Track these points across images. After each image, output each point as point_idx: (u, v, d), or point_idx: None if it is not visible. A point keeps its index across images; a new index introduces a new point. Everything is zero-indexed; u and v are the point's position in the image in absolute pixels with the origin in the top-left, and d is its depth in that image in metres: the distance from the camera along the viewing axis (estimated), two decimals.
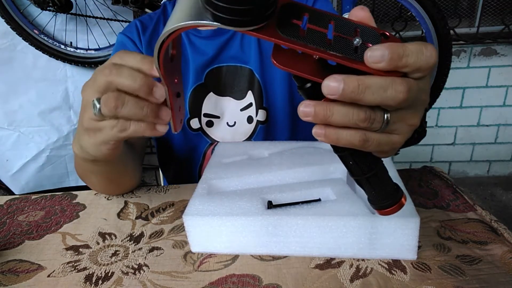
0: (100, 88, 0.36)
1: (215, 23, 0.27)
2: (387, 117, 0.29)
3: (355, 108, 0.29)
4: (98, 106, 0.36)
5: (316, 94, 0.30)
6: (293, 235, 0.43)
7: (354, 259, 0.43)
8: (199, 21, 0.27)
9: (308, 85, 0.31)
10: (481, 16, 1.93)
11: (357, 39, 0.27)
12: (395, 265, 0.42)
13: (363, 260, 0.43)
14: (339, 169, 0.52)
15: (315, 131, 0.31)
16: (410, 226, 0.40)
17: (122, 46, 0.74)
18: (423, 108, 0.32)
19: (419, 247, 0.43)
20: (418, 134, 0.41)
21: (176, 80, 0.38)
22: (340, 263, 0.43)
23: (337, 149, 0.34)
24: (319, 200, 0.45)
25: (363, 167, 0.33)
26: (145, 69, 0.36)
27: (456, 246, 0.45)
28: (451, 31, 1.78)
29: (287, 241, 0.43)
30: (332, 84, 0.27)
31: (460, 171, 2.27)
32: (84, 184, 0.60)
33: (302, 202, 0.44)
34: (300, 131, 0.78)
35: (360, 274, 0.41)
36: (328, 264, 0.43)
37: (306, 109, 0.30)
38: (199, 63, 0.71)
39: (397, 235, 0.41)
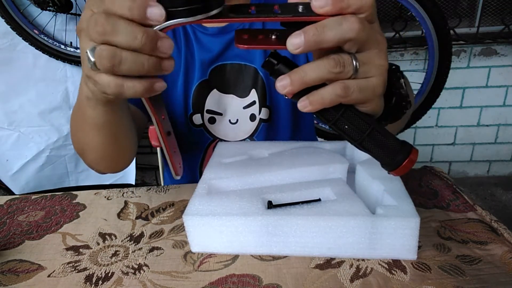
0: (94, 39, 0.32)
1: (176, 20, 0.30)
2: (356, 62, 0.32)
3: (324, 59, 0.32)
4: (92, 60, 0.32)
5: (286, 72, 0.33)
6: (293, 235, 0.43)
7: (354, 259, 0.43)
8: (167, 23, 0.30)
9: (277, 66, 0.34)
10: (481, 16, 1.93)
11: (301, 6, 0.31)
12: (395, 265, 0.42)
13: (363, 260, 0.43)
14: (339, 169, 0.52)
15: (300, 104, 0.34)
16: (410, 226, 0.40)
17: None
18: (385, 48, 0.35)
19: (419, 247, 0.43)
20: (400, 98, 0.40)
21: (163, 117, 0.39)
22: (340, 263, 0.43)
23: (328, 118, 0.35)
24: (319, 200, 0.45)
25: (360, 126, 0.35)
26: (137, 15, 0.31)
27: (456, 246, 0.45)
28: (451, 31, 1.78)
29: (287, 241, 0.43)
30: (294, 38, 0.31)
31: (460, 171, 2.27)
32: (84, 184, 0.60)
33: (302, 202, 0.44)
34: (302, 130, 0.78)
35: (360, 274, 0.41)
36: (328, 264, 0.43)
37: (282, 82, 0.33)
38: (204, 59, 0.71)
39: (397, 235, 0.41)
